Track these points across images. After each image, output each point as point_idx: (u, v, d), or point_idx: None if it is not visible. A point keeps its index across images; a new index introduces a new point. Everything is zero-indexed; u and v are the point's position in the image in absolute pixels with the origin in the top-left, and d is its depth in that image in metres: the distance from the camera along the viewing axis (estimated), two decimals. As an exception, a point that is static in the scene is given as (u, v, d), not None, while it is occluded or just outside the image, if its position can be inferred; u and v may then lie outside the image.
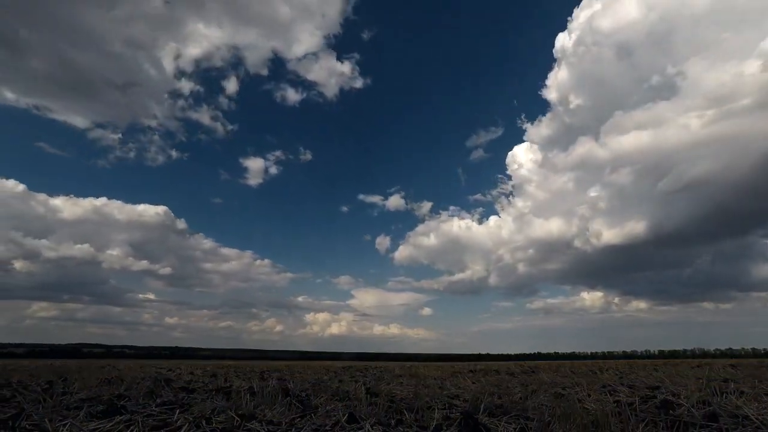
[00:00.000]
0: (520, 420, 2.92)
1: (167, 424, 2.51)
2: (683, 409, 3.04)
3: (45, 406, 3.39)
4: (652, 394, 4.45)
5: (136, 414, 2.86)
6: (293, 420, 2.84)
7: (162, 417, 2.75)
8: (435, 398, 4.45)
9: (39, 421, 2.63)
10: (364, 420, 2.76)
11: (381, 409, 3.33)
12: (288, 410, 3.36)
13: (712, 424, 2.57)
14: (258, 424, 2.53)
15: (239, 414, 2.72)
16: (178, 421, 2.58)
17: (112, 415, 2.85)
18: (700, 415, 2.78)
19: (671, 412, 3.06)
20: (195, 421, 2.55)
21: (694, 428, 2.50)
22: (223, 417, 2.70)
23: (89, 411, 3.21)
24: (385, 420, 2.94)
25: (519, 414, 3.15)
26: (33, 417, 2.79)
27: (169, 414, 2.84)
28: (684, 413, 2.96)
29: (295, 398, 4.11)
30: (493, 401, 3.80)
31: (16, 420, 2.61)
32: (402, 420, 2.93)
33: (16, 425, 2.51)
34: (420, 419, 3.05)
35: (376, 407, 3.45)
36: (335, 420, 2.76)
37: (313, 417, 2.97)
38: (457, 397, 4.81)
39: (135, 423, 2.52)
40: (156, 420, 2.66)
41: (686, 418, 2.79)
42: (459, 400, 4.45)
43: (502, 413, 3.22)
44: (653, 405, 3.53)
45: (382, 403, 3.63)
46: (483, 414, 3.06)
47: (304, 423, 2.74)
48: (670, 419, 2.73)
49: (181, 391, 5.23)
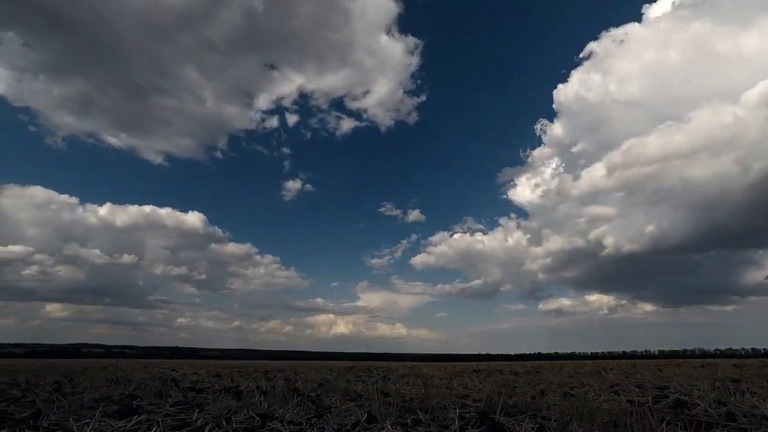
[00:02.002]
0: (536, 419, 2.92)
1: (187, 424, 2.51)
2: (700, 408, 3.04)
3: (59, 406, 3.39)
4: (662, 394, 4.45)
5: (153, 414, 2.85)
6: (310, 420, 2.84)
7: (180, 417, 2.75)
8: (445, 398, 4.45)
9: (59, 420, 2.63)
10: (384, 420, 2.75)
11: (395, 409, 3.33)
12: (301, 410, 3.36)
13: (730, 424, 2.57)
14: (279, 424, 2.52)
15: (258, 414, 2.72)
16: (198, 420, 2.58)
17: (129, 415, 2.85)
18: (718, 414, 2.79)
19: (687, 412, 3.06)
20: (215, 421, 2.55)
21: (716, 428, 2.50)
22: (243, 417, 2.69)
23: (104, 411, 3.21)
24: (401, 420, 2.94)
25: (534, 414, 3.15)
26: (50, 417, 2.78)
27: (187, 414, 2.84)
28: (700, 413, 2.96)
29: (306, 398, 4.11)
30: (507, 401, 3.80)
31: (36, 419, 2.60)
32: (419, 420, 2.93)
33: (37, 425, 2.51)
34: (436, 419, 3.05)
35: (390, 407, 3.44)
36: (355, 420, 2.75)
37: (329, 416, 2.96)
38: (467, 397, 4.81)
39: (155, 423, 2.51)
40: (175, 420, 2.65)
41: (703, 418, 2.79)
42: (469, 400, 4.45)
43: (517, 413, 3.22)
44: (666, 405, 3.54)
45: (396, 403, 3.63)
46: (500, 414, 3.06)
47: (322, 423, 2.73)
48: (687, 419, 2.73)
49: (190, 392, 5.23)
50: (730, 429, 2.49)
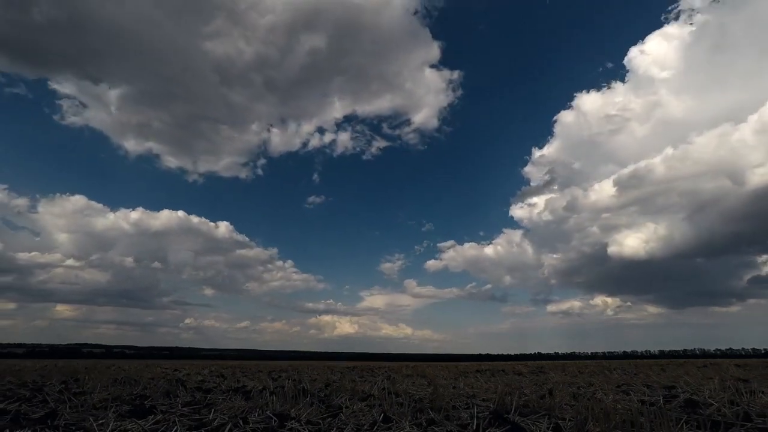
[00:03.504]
0: (551, 419, 2.92)
1: (204, 424, 2.51)
2: (713, 408, 3.05)
3: (71, 405, 3.39)
4: (671, 394, 4.45)
5: (167, 413, 2.85)
6: (326, 419, 2.84)
7: (196, 416, 2.75)
8: (454, 398, 4.45)
9: (75, 420, 2.62)
10: (401, 420, 2.75)
11: (408, 409, 3.33)
12: (314, 410, 3.35)
13: (746, 424, 2.57)
14: (297, 424, 2.52)
15: (275, 413, 2.72)
16: (215, 420, 2.58)
17: (143, 415, 2.85)
18: (733, 414, 2.79)
19: (700, 412, 3.07)
20: (232, 420, 2.55)
21: (733, 428, 2.50)
22: (259, 417, 2.69)
23: (117, 411, 3.21)
24: (416, 420, 2.94)
25: (548, 413, 3.16)
26: (66, 416, 2.78)
27: (200, 414, 2.84)
28: (714, 412, 2.96)
29: (315, 398, 4.11)
30: (518, 401, 3.80)
31: (53, 419, 2.60)
32: (434, 420, 2.93)
33: (55, 424, 2.50)
34: (451, 418, 3.05)
35: (402, 407, 3.44)
36: (372, 420, 2.75)
37: (344, 416, 2.96)
38: (474, 397, 4.81)
39: (172, 422, 2.51)
40: (191, 419, 2.65)
41: (718, 418, 2.79)
42: (478, 400, 4.45)
43: (530, 412, 3.22)
44: (678, 404, 3.54)
45: (407, 403, 3.63)
46: (514, 413, 3.06)
47: (338, 423, 2.73)
48: (703, 419, 2.74)
49: (197, 392, 5.22)
50: (747, 429, 2.49)
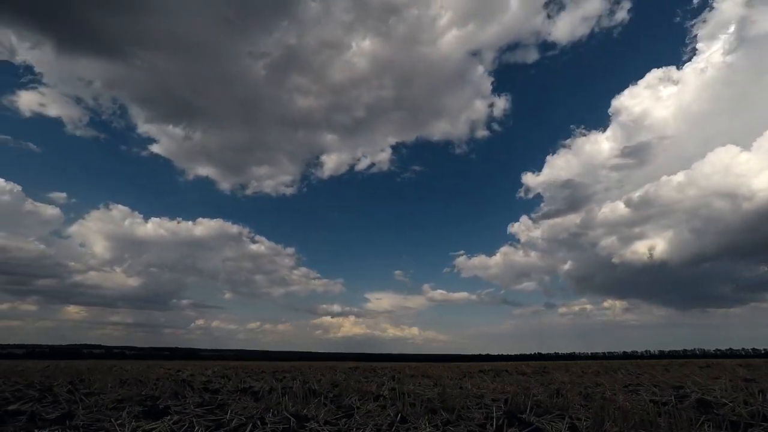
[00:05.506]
0: (566, 419, 2.92)
1: (221, 424, 2.51)
2: (727, 408, 3.05)
3: (84, 406, 3.38)
4: (681, 394, 4.45)
5: (182, 414, 2.85)
6: (340, 420, 2.84)
7: (212, 417, 2.74)
8: (463, 398, 4.45)
9: (90, 421, 2.62)
10: (417, 420, 2.75)
11: (421, 410, 3.33)
12: (326, 411, 3.35)
13: (764, 424, 2.57)
14: (315, 424, 2.52)
15: (291, 414, 2.72)
16: (233, 421, 2.57)
17: (158, 416, 2.85)
18: (749, 414, 2.79)
19: (715, 412, 3.07)
20: (249, 421, 2.54)
21: (752, 428, 2.50)
22: (277, 417, 2.69)
23: (130, 411, 3.20)
24: (430, 420, 2.94)
25: (562, 413, 3.15)
26: (81, 417, 2.77)
27: (218, 414, 2.83)
28: (729, 412, 2.96)
29: (324, 398, 4.10)
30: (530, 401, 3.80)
31: (69, 420, 2.60)
32: (449, 420, 2.93)
33: (72, 424, 2.50)
34: (463, 419, 3.05)
35: (414, 407, 3.44)
36: (390, 421, 2.75)
37: (359, 417, 2.96)
38: (483, 397, 4.80)
39: (189, 423, 2.51)
40: (208, 420, 2.65)
41: (733, 417, 2.79)
42: (487, 400, 4.45)
43: (543, 412, 3.22)
44: (690, 404, 3.54)
45: (418, 403, 3.63)
46: (529, 413, 3.06)
47: (354, 423, 2.73)
48: (720, 419, 2.74)
49: (205, 392, 5.22)
50: (765, 429, 2.49)
